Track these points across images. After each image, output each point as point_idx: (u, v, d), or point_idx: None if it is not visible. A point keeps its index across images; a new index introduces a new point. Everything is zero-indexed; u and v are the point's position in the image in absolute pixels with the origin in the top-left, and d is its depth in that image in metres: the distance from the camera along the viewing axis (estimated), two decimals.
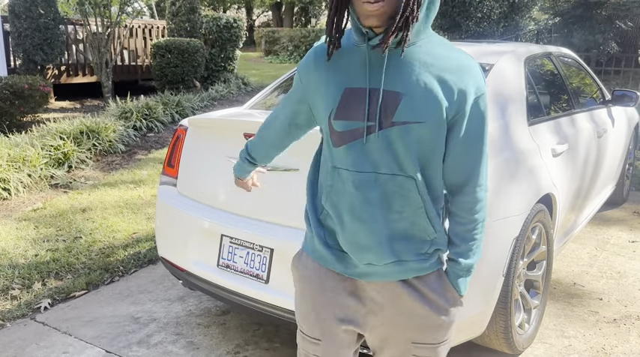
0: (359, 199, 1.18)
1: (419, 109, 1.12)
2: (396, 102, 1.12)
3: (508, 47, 2.93)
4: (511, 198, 2.16)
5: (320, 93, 1.22)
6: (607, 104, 3.78)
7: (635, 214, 4.44)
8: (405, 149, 1.14)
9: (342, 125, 1.17)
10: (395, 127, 1.13)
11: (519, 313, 2.37)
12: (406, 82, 1.13)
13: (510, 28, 10.37)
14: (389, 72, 1.14)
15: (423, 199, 1.19)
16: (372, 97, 1.14)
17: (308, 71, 1.25)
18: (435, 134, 1.15)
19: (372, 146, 1.15)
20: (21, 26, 8.05)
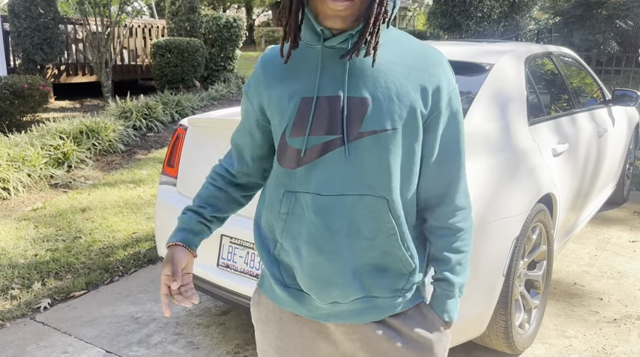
0: (321, 227, 1.00)
1: (389, 114, 0.98)
2: (362, 109, 0.97)
3: (508, 47, 2.93)
4: (511, 198, 2.15)
5: (273, 108, 1.04)
6: (607, 104, 3.77)
7: (635, 213, 4.44)
8: (376, 163, 0.98)
9: (300, 142, 0.99)
10: (363, 138, 0.97)
11: (519, 313, 2.37)
12: (372, 85, 0.98)
13: (510, 27, 10.36)
14: (352, 75, 0.98)
15: (397, 222, 1.01)
16: (334, 106, 0.98)
17: (258, 87, 1.08)
18: (409, 142, 1.00)
19: (337, 163, 0.98)
20: (21, 26, 8.04)
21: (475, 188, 2.00)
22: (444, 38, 10.98)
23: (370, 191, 0.99)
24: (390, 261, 1.03)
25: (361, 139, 0.98)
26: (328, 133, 0.98)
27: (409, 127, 0.99)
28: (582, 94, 3.54)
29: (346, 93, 0.98)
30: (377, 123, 0.97)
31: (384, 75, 0.99)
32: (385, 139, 0.98)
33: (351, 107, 0.98)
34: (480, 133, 2.18)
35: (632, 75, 8.64)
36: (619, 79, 8.92)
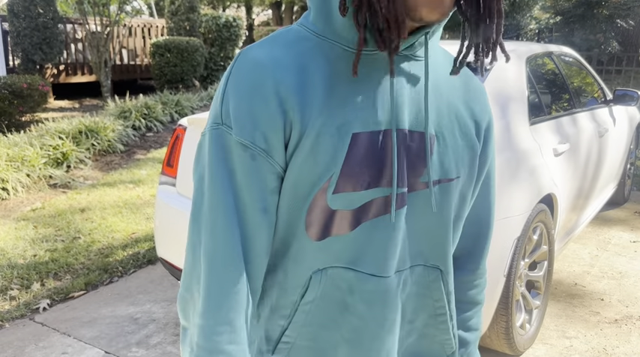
0: (372, 322, 0.73)
1: (455, 156, 0.74)
2: (432, 144, 0.72)
3: (509, 46, 2.92)
4: (512, 198, 2.14)
5: (309, 148, 0.68)
6: (608, 104, 3.76)
7: (636, 214, 4.43)
8: (434, 223, 0.75)
9: (347, 201, 0.69)
10: (421, 190, 0.72)
11: (520, 313, 2.36)
12: (435, 115, 0.72)
13: (511, 27, 10.35)
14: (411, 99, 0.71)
15: (449, 299, 0.79)
16: (399, 145, 0.70)
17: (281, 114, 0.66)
18: (465, 192, 0.77)
19: (393, 226, 0.71)
20: (20, 25, 8.03)
21: None
22: (445, 37, 10.97)
23: (421, 260, 0.76)
24: (426, 346, 0.81)
25: (420, 192, 0.72)
26: (387, 183, 0.69)
27: (472, 173, 0.77)
28: (583, 94, 3.53)
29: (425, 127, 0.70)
30: (442, 169, 0.73)
31: (446, 101, 0.74)
32: (448, 192, 0.74)
33: (414, 147, 0.71)
34: None
35: (633, 75, 8.63)
36: (620, 78, 8.91)
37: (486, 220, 0.86)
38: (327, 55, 0.68)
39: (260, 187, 0.67)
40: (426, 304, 0.78)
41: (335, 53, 0.68)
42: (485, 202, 0.85)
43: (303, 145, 0.67)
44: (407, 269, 0.75)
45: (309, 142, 0.66)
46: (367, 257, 0.71)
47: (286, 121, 0.66)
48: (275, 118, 0.65)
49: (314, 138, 0.66)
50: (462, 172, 0.75)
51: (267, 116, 0.65)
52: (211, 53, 10.05)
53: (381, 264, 0.71)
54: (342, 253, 0.71)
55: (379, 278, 0.72)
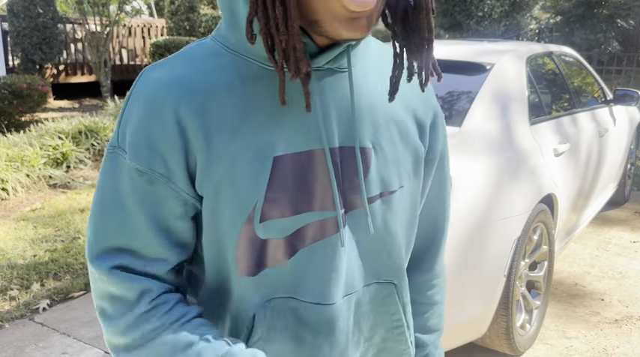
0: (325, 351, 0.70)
1: (395, 167, 0.69)
2: (366, 164, 0.67)
3: (509, 46, 2.91)
4: (512, 198, 2.14)
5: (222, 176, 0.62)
6: (608, 104, 3.76)
7: (636, 214, 4.42)
8: (382, 238, 0.71)
9: (280, 227, 0.64)
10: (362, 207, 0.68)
11: (521, 313, 2.36)
12: (370, 126, 0.67)
13: (511, 27, 10.35)
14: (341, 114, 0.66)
15: (405, 310, 0.76)
16: (330, 165, 0.64)
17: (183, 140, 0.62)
18: (413, 199, 0.73)
19: (336, 249, 0.66)
20: (19, 25, 8.03)
21: (476, 188, 1.98)
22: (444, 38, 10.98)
23: (374, 277, 0.72)
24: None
25: (359, 208, 0.67)
26: (323, 207, 0.65)
27: (414, 179, 0.72)
28: (583, 94, 3.53)
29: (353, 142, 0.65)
30: (383, 183, 0.68)
31: (382, 109, 0.68)
32: (392, 203, 0.70)
33: (347, 163, 0.66)
34: (480, 133, 2.17)
35: (633, 75, 8.63)
36: (620, 78, 8.91)
37: (441, 218, 0.83)
38: (242, 72, 0.62)
39: (157, 212, 0.63)
40: (383, 319, 0.75)
41: (251, 71, 0.62)
42: (439, 199, 0.81)
43: (216, 172, 0.61)
44: (358, 290, 0.70)
45: (224, 169, 0.61)
46: (308, 285, 0.66)
47: (188, 146, 0.61)
48: (175, 143, 0.61)
49: (229, 164, 0.61)
50: (406, 180, 0.71)
51: (166, 141, 0.61)
52: None
53: (324, 292, 0.67)
54: (282, 284, 0.66)
55: (324, 306, 0.67)
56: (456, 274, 1.92)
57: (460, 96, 2.39)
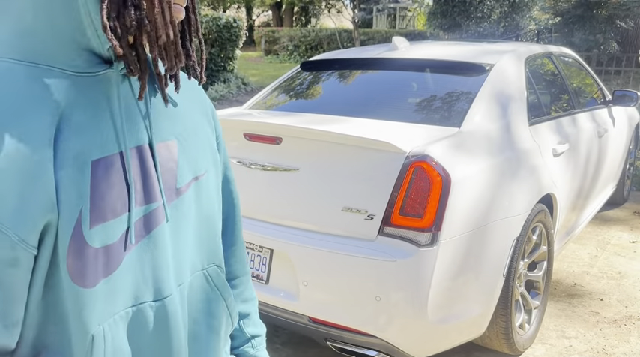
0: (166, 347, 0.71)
1: (199, 154, 0.75)
2: (173, 156, 0.71)
3: (509, 47, 2.93)
4: (512, 198, 2.15)
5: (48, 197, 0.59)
6: (607, 104, 3.77)
7: (635, 214, 4.43)
8: (203, 223, 0.76)
9: (107, 232, 0.63)
10: (183, 195, 0.72)
11: (520, 313, 2.37)
12: (168, 121, 0.72)
13: (511, 27, 10.36)
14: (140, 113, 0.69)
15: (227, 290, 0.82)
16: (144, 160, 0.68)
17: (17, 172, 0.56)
18: (217, 182, 0.81)
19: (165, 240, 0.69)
20: None
21: (475, 189, 2.00)
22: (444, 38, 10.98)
23: (200, 264, 0.77)
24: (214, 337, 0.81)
25: (180, 197, 0.72)
26: (148, 201, 0.67)
27: (213, 166, 0.79)
28: (582, 95, 3.54)
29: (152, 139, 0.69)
30: (193, 168, 0.74)
31: (181, 105, 0.76)
32: (203, 187, 0.76)
33: (162, 158, 0.70)
34: (480, 134, 2.18)
35: (632, 75, 8.64)
36: (619, 79, 8.92)
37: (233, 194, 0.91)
38: (45, 83, 0.59)
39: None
40: (217, 303, 0.79)
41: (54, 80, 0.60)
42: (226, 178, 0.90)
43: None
44: (189, 279, 0.74)
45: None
46: (144, 284, 0.67)
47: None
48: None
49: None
50: (210, 166, 0.77)
51: None
52: (211, 54, 10.07)
53: (160, 286, 0.68)
54: (119, 293, 0.65)
55: (161, 301, 0.69)
56: (455, 274, 1.93)
57: (459, 96, 2.40)
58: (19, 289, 0.58)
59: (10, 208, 0.55)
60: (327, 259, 1.93)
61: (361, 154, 1.96)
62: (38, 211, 0.57)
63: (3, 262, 0.56)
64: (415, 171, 1.88)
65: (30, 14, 0.59)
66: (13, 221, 0.56)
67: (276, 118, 2.31)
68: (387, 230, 1.90)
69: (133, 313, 0.67)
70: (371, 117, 2.34)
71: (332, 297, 1.94)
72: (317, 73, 2.94)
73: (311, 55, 18.35)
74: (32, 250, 0.58)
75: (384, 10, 20.63)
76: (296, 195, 2.07)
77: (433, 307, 1.88)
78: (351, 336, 1.95)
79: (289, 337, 2.57)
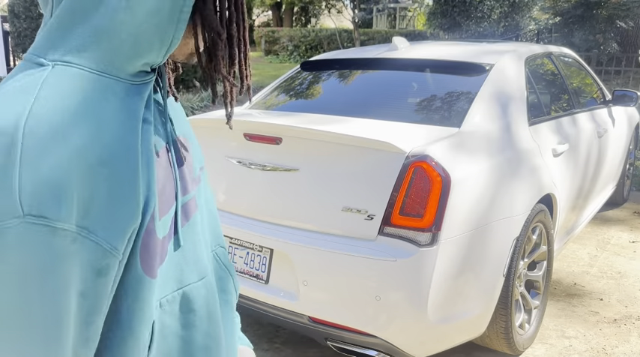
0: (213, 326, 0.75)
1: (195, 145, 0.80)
2: (187, 146, 0.77)
3: (509, 47, 2.93)
4: (511, 198, 2.15)
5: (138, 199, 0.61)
6: (607, 104, 3.77)
7: (635, 214, 4.43)
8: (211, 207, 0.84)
9: (165, 223, 0.66)
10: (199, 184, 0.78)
11: (520, 313, 2.37)
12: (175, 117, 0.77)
13: (511, 27, 10.37)
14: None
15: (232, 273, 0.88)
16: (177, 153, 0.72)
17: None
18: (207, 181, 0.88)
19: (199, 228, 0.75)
20: (20, 26, 8.04)
21: (475, 189, 2.00)
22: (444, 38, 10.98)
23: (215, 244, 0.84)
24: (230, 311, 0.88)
25: (199, 185, 0.77)
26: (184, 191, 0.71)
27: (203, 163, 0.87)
28: (582, 95, 3.54)
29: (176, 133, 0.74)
30: (199, 160, 0.80)
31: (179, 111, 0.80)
32: (204, 178, 0.82)
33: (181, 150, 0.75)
34: (480, 134, 2.18)
35: (632, 75, 8.64)
36: (619, 79, 8.92)
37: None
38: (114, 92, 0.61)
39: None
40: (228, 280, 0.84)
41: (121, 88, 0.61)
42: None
43: None
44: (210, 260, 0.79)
45: None
46: (187, 268, 0.71)
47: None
48: None
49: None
50: (202, 161, 0.82)
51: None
52: None
53: (199, 268, 0.72)
54: (167, 279, 0.68)
55: (202, 281, 0.73)
56: (455, 274, 1.93)
57: (459, 96, 2.40)
58: (104, 297, 0.58)
59: (105, 218, 0.55)
60: (327, 259, 1.94)
61: (361, 154, 1.97)
62: (129, 217, 0.58)
63: (96, 273, 0.56)
64: (415, 171, 1.88)
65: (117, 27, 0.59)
66: (107, 231, 0.55)
67: (276, 118, 2.31)
68: (387, 230, 1.90)
69: (180, 296, 0.70)
70: (371, 117, 2.35)
71: (332, 297, 1.94)
72: (317, 73, 2.94)
73: (311, 55, 18.35)
74: (119, 256, 0.58)
75: (384, 10, 20.62)
76: (296, 195, 2.07)
77: (433, 306, 1.88)
78: (351, 336, 1.95)
79: (289, 337, 2.57)
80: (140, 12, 0.59)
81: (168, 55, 0.64)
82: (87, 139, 0.55)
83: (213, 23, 0.66)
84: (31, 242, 0.51)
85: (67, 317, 0.54)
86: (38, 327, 0.52)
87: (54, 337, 0.53)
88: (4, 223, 0.50)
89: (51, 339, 0.53)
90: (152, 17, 0.59)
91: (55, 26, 0.59)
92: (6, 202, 0.50)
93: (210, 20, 0.65)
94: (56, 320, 0.53)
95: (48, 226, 0.51)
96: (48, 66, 0.58)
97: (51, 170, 0.52)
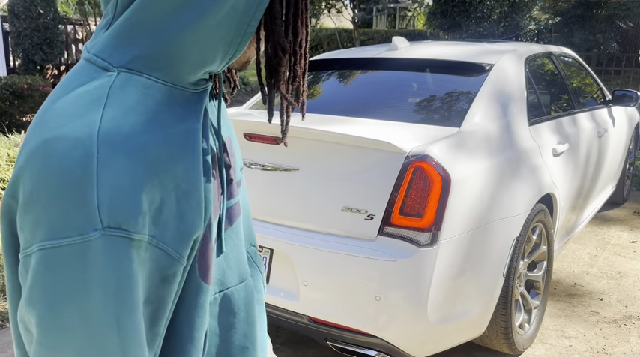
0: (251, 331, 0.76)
1: (236, 146, 0.79)
2: (232, 153, 0.75)
3: (509, 47, 2.93)
4: (511, 198, 2.15)
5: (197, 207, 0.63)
6: (607, 104, 3.77)
7: (635, 214, 4.43)
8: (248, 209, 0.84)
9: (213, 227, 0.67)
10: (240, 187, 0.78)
11: (520, 313, 2.37)
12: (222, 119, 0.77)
13: (510, 27, 10.37)
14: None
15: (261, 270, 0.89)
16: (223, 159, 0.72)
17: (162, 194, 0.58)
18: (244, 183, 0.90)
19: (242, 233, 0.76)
20: (20, 26, 8.04)
21: (475, 189, 2.00)
22: (444, 38, 10.98)
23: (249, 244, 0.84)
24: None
25: (240, 188, 0.78)
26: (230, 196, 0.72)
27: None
28: (582, 95, 3.54)
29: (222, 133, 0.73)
30: (239, 162, 0.79)
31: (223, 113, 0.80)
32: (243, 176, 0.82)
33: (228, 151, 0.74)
34: (480, 133, 2.18)
35: (632, 75, 8.64)
36: (619, 79, 8.92)
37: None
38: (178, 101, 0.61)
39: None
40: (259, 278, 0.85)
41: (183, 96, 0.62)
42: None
43: None
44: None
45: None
46: (229, 271, 0.72)
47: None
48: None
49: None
50: (242, 162, 0.81)
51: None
52: None
53: (242, 269, 0.74)
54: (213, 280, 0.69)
55: (244, 283, 0.74)
56: (455, 274, 1.93)
57: (459, 96, 2.40)
58: (168, 303, 0.59)
59: (173, 226, 0.56)
60: (327, 259, 1.94)
61: (361, 154, 1.97)
62: (194, 224, 0.59)
63: (162, 280, 0.57)
64: (415, 171, 1.88)
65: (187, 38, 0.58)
66: (174, 239, 0.56)
67: (276, 118, 2.31)
68: (387, 230, 1.90)
69: (221, 298, 0.71)
70: (371, 117, 2.35)
71: (332, 297, 1.94)
72: (317, 73, 2.94)
73: (311, 55, 18.35)
74: (184, 263, 0.59)
75: (384, 10, 20.62)
76: (296, 195, 2.07)
77: (433, 306, 1.88)
78: (351, 336, 1.95)
79: (289, 337, 2.57)
80: (209, 25, 0.58)
81: (228, 65, 0.64)
82: (157, 149, 0.55)
83: (281, 39, 0.64)
84: (111, 254, 0.52)
85: (142, 323, 0.55)
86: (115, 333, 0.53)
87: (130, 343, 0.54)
88: (86, 236, 0.51)
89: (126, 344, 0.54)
90: (220, 30, 0.59)
91: (122, 31, 0.59)
92: (86, 215, 0.51)
93: (277, 36, 0.63)
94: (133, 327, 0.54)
95: (126, 237, 0.53)
96: (114, 72, 0.58)
97: (126, 182, 0.53)
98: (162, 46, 0.58)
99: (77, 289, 0.51)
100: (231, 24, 0.59)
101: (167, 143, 0.57)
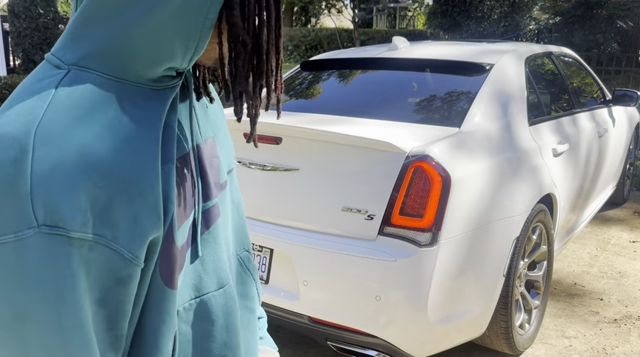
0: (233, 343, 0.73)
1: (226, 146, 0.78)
2: (215, 153, 0.73)
3: (509, 47, 2.93)
4: (512, 198, 2.15)
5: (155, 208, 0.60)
6: (608, 104, 3.77)
7: (635, 213, 4.43)
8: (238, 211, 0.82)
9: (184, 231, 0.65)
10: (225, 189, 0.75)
11: (520, 313, 2.37)
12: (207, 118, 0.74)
13: (511, 27, 10.37)
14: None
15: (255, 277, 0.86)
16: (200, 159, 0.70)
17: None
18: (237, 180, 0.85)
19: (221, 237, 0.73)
20: (20, 26, 8.04)
21: (475, 189, 2.00)
22: (444, 38, 10.98)
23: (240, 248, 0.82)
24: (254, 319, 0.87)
25: (225, 190, 0.75)
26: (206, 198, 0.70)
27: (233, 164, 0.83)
28: (582, 94, 3.54)
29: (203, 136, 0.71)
30: (227, 162, 0.77)
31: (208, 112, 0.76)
32: (233, 180, 0.80)
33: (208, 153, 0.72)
34: (480, 133, 2.18)
35: (632, 75, 8.64)
36: (619, 79, 8.92)
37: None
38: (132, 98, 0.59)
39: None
40: (251, 285, 0.82)
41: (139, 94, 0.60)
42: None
43: None
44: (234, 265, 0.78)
45: None
46: (206, 276, 0.69)
47: None
48: None
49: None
50: (232, 164, 0.80)
51: None
52: None
53: (220, 276, 0.71)
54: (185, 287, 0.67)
55: (223, 289, 0.71)
56: (455, 274, 1.93)
57: (459, 96, 2.40)
58: (126, 304, 0.58)
59: (125, 226, 0.55)
60: (327, 259, 1.93)
61: (361, 154, 1.96)
62: (149, 225, 0.57)
63: (116, 281, 0.56)
64: (415, 171, 1.87)
65: (137, 32, 0.57)
66: (127, 239, 0.55)
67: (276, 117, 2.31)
68: (387, 230, 1.90)
69: (197, 305, 0.69)
70: (371, 117, 2.34)
71: (332, 297, 1.94)
72: (317, 73, 2.94)
73: (311, 55, 18.35)
74: (141, 265, 0.58)
75: (384, 10, 20.62)
76: (296, 195, 2.07)
77: (433, 307, 1.88)
78: (351, 336, 1.95)
79: (289, 337, 2.57)
80: (161, 19, 0.56)
81: (194, 61, 0.62)
82: (100, 147, 0.54)
83: (239, 32, 0.61)
84: (47, 252, 0.51)
85: (87, 323, 0.54)
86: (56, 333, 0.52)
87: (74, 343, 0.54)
88: (20, 234, 0.50)
89: (70, 344, 0.53)
90: (173, 24, 0.57)
91: (75, 29, 0.58)
92: (20, 213, 0.50)
93: (235, 29, 0.60)
94: (76, 326, 0.53)
95: (63, 235, 0.51)
96: (64, 69, 0.57)
97: (63, 180, 0.51)
98: (111, 41, 0.57)
99: (14, 289, 0.51)
100: (186, 17, 0.57)
101: (113, 141, 0.55)
